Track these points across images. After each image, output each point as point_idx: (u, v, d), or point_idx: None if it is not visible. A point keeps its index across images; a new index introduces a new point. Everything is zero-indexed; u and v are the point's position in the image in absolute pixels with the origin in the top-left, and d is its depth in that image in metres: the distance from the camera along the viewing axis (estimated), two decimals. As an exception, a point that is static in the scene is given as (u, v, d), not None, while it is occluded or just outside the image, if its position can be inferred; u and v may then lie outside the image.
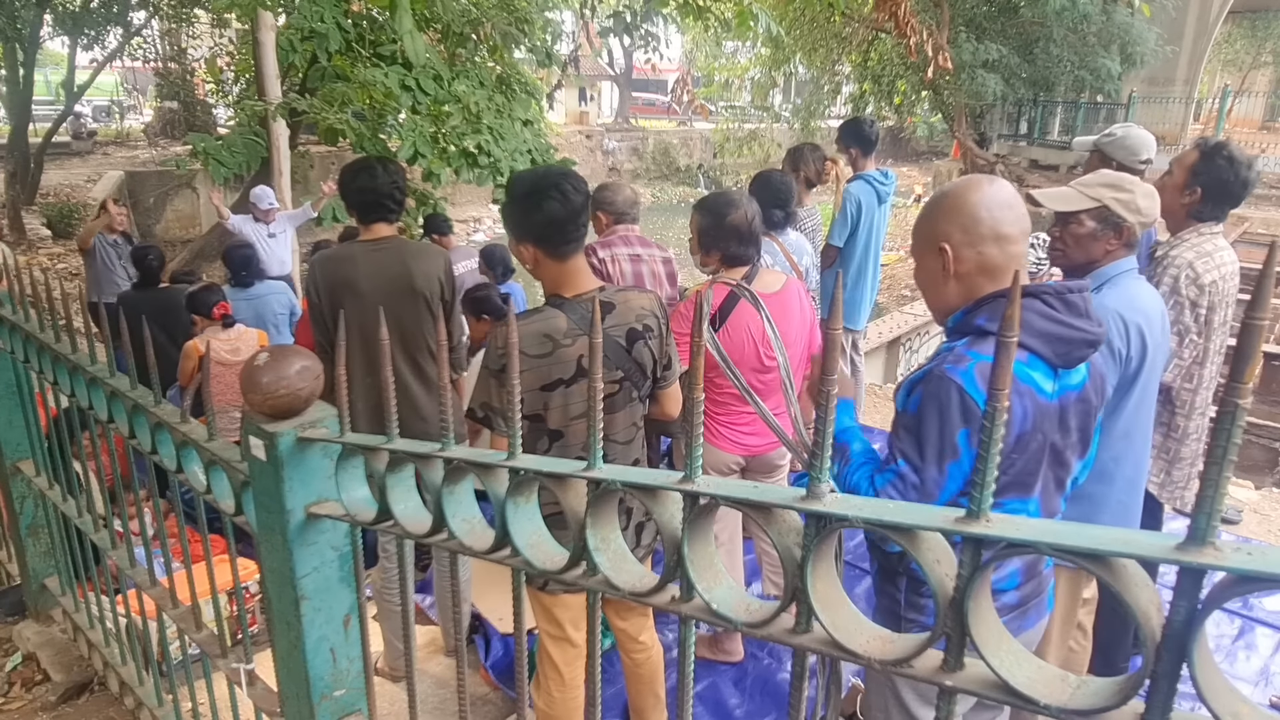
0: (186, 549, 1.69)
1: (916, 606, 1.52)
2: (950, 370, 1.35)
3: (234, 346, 4.01)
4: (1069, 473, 1.51)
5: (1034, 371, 1.38)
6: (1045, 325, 1.38)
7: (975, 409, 1.32)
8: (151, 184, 14.32)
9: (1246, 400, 0.55)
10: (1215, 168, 2.42)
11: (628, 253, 3.12)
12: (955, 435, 1.33)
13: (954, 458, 1.34)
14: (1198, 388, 2.45)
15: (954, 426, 1.33)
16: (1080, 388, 1.46)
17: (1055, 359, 1.39)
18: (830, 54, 17.97)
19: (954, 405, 1.33)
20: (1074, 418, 1.46)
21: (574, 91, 28.64)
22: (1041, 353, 1.38)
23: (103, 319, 1.64)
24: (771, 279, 2.53)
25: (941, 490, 1.37)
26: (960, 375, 1.34)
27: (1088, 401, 1.48)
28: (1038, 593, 1.57)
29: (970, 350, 1.38)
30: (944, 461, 1.35)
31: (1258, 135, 18.56)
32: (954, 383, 1.33)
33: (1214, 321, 2.39)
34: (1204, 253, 2.39)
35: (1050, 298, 1.39)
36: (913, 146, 28.99)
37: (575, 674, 2.10)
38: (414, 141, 6.11)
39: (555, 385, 1.84)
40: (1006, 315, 0.65)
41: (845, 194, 4.04)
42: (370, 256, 2.54)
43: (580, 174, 1.99)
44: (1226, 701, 0.58)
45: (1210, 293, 2.35)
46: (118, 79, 25.43)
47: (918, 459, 1.37)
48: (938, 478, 1.36)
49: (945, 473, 1.35)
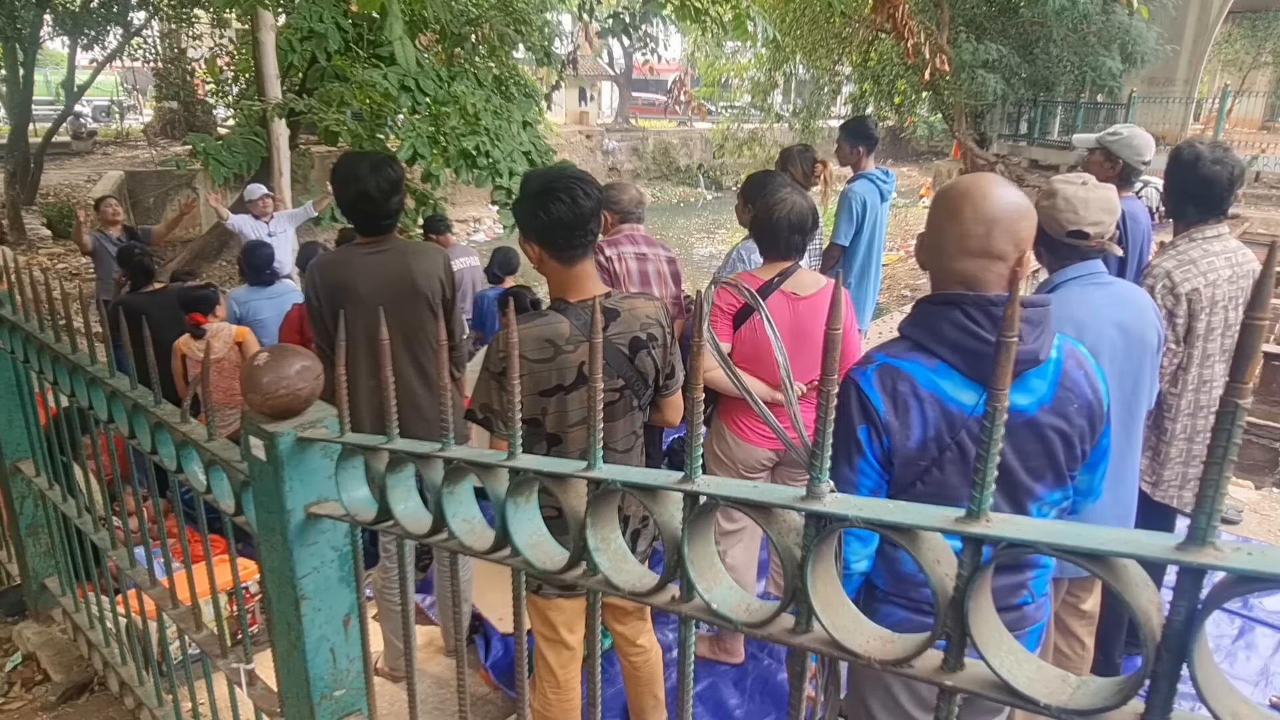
0: (186, 549, 1.69)
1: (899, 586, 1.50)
2: (854, 371, 1.41)
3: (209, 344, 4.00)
4: (1030, 497, 1.43)
5: (943, 380, 1.35)
6: (956, 336, 1.33)
7: (871, 407, 1.37)
8: (151, 184, 14.32)
9: (1246, 400, 0.55)
10: (1174, 169, 2.42)
11: (634, 251, 3.13)
12: (856, 431, 1.38)
13: (859, 453, 1.39)
14: (1182, 392, 2.44)
15: (854, 423, 1.38)
16: (1032, 410, 1.38)
17: (968, 372, 1.34)
18: (830, 54, 17.96)
19: (853, 403, 1.38)
20: (1029, 441, 1.39)
21: (574, 91, 28.63)
22: (952, 363, 1.35)
23: (104, 318, 1.65)
24: (809, 281, 2.50)
25: (856, 487, 1.40)
26: (859, 375, 1.39)
27: (1048, 427, 1.39)
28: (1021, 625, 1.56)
29: (879, 352, 1.42)
30: (853, 458, 1.40)
31: (1258, 135, 18.54)
32: (853, 382, 1.39)
33: (1197, 329, 2.36)
34: (1186, 260, 2.37)
35: (970, 308, 1.33)
36: (913, 146, 28.98)
37: (570, 676, 2.09)
38: (413, 142, 6.11)
39: (554, 391, 1.81)
40: (1006, 315, 0.65)
41: (849, 192, 4.06)
42: (369, 259, 2.53)
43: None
44: (1226, 701, 0.58)
45: (1191, 300, 2.33)
46: (118, 79, 25.43)
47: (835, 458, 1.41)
48: (850, 475, 1.40)
49: (856, 468, 1.40)
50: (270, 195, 6.52)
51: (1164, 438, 2.50)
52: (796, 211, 2.43)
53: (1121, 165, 2.92)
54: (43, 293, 1.88)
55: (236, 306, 4.68)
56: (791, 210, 2.42)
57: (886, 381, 1.37)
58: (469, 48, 7.45)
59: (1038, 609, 1.55)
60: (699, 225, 22.92)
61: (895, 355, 1.40)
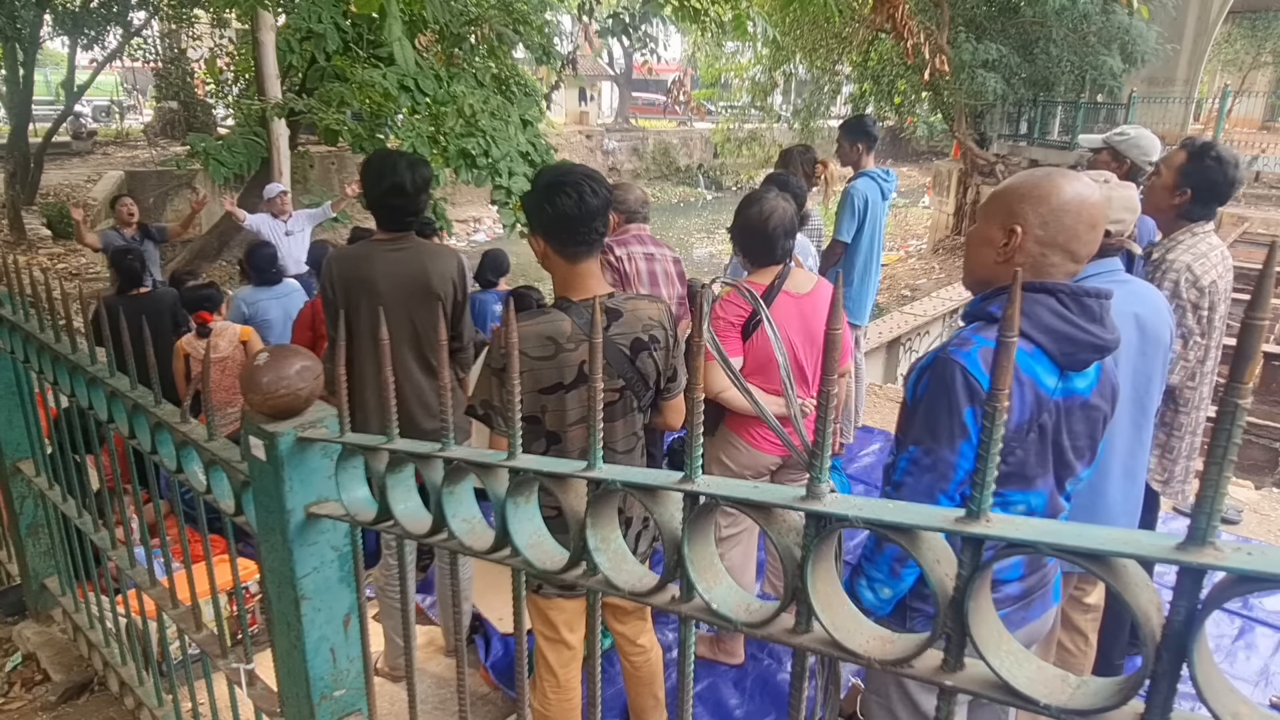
0: (186, 549, 1.68)
1: (922, 596, 1.53)
2: (954, 353, 1.39)
3: (213, 343, 4.01)
4: (1072, 474, 1.51)
5: (1037, 364, 1.39)
6: (1054, 323, 1.39)
7: (979, 388, 1.35)
8: (151, 184, 14.32)
9: (1246, 400, 0.55)
10: (1205, 168, 2.43)
11: (643, 252, 3.14)
12: (963, 413, 1.37)
13: (965, 436, 1.38)
14: (1199, 384, 2.46)
15: (960, 405, 1.37)
16: (1087, 393, 1.46)
17: (1060, 357, 1.39)
18: (830, 54, 17.96)
19: (959, 385, 1.36)
20: (1080, 422, 1.46)
21: (574, 91, 28.62)
22: (1047, 348, 1.39)
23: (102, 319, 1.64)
24: (804, 279, 2.54)
25: (955, 469, 1.39)
26: (963, 357, 1.37)
27: (1096, 409, 1.48)
28: (1042, 584, 1.58)
29: (976, 335, 1.41)
30: (956, 441, 1.38)
31: (1258, 135, 18.53)
32: (958, 364, 1.37)
33: (1214, 320, 2.40)
34: (1200, 254, 2.40)
35: (1065, 297, 1.40)
36: (913, 146, 28.97)
37: (570, 676, 2.09)
38: (413, 142, 6.11)
39: (554, 389, 1.82)
40: (1006, 315, 0.65)
41: (852, 190, 4.09)
42: (388, 256, 2.54)
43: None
44: (1226, 701, 0.58)
45: (1210, 293, 2.36)
46: (118, 79, 25.42)
47: (930, 441, 1.40)
48: (951, 457, 1.38)
49: (958, 451, 1.38)
50: (286, 192, 6.51)
51: (1175, 432, 2.50)
52: (786, 217, 2.48)
53: (1129, 165, 2.92)
54: (42, 293, 1.88)
55: (245, 307, 4.69)
56: (782, 217, 2.47)
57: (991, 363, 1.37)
58: (468, 48, 7.45)
59: (1057, 564, 1.62)
60: (699, 225, 22.93)
61: (994, 338, 1.39)
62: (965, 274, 1.57)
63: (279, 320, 4.57)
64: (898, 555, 1.45)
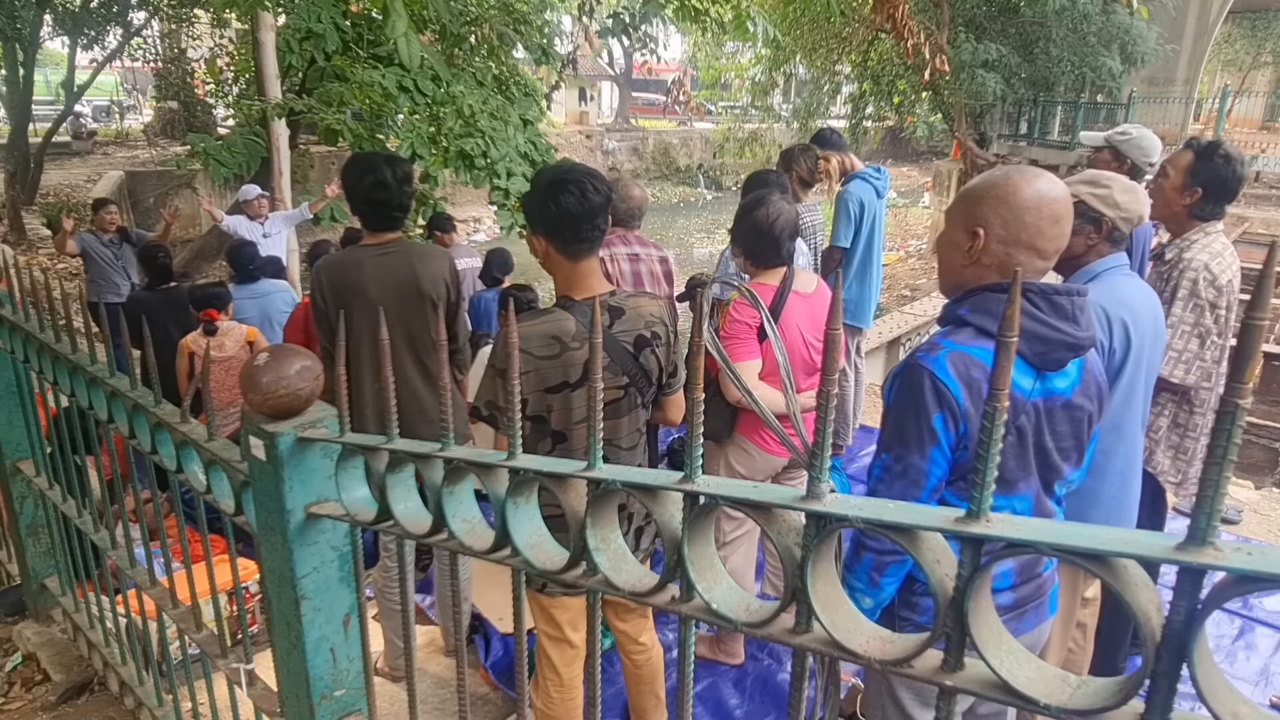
0: (186, 549, 1.68)
1: (910, 605, 1.52)
2: (922, 358, 1.38)
3: (219, 342, 4.02)
4: (1059, 476, 1.50)
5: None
6: (1024, 322, 1.37)
7: (947, 393, 1.34)
8: (151, 184, 14.33)
9: (1246, 400, 0.55)
10: (1214, 166, 2.42)
11: (626, 252, 3.14)
12: (932, 419, 1.36)
13: (934, 442, 1.37)
14: (1215, 385, 2.44)
15: (929, 411, 1.36)
16: (1068, 393, 1.45)
17: (1033, 358, 1.39)
18: (830, 54, 17.95)
19: (927, 391, 1.36)
20: (1064, 423, 1.45)
21: (574, 91, 28.63)
22: (1019, 349, 1.38)
23: (102, 319, 1.64)
24: (807, 279, 2.55)
25: (927, 475, 1.38)
26: (931, 362, 1.37)
27: (1079, 409, 1.47)
28: (1036, 595, 1.55)
29: (945, 339, 1.40)
30: (925, 447, 1.37)
31: (1258, 135, 18.54)
32: (926, 370, 1.36)
33: (1230, 320, 2.39)
34: (1216, 253, 2.38)
35: (1035, 296, 1.39)
36: (912, 146, 28.96)
37: (573, 675, 2.10)
38: (412, 142, 6.11)
39: (560, 388, 1.82)
40: (1006, 315, 0.65)
41: (845, 194, 4.05)
42: (376, 261, 2.52)
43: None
44: (1226, 701, 0.58)
45: (1227, 292, 2.34)
46: (118, 79, 25.42)
47: (900, 448, 1.39)
48: (921, 464, 1.38)
49: (928, 457, 1.37)
50: (266, 196, 6.52)
51: (1190, 433, 2.47)
52: (791, 219, 2.49)
53: (1129, 165, 2.92)
54: (42, 293, 1.88)
55: None
56: (788, 219, 2.48)
57: (960, 368, 1.36)
58: (468, 48, 7.44)
59: (1053, 574, 1.60)
60: (699, 225, 22.93)
61: (963, 342, 1.39)
62: (939, 280, 1.56)
63: (255, 320, 4.58)
64: (874, 565, 1.43)
